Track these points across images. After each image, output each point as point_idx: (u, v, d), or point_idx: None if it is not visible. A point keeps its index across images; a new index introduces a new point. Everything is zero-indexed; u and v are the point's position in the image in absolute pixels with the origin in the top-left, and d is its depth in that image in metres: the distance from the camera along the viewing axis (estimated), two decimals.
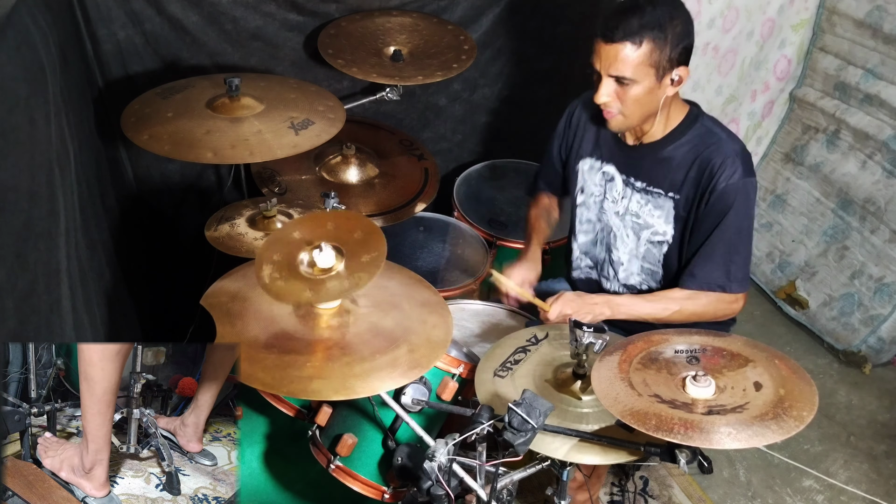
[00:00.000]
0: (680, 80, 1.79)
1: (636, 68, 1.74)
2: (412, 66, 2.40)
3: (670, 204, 1.91)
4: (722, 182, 1.80)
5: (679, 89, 1.81)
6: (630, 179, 1.96)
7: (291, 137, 1.99)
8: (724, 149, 1.83)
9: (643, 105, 1.81)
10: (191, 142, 1.95)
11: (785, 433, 1.27)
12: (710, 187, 1.82)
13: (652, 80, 1.76)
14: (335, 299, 1.48)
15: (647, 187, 1.93)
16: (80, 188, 1.88)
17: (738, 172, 1.80)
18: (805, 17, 3.20)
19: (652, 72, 1.75)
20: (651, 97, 1.79)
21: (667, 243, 1.96)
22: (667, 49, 1.73)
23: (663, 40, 1.72)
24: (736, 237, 1.84)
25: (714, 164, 1.82)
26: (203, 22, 2.39)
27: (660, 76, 1.76)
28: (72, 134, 1.85)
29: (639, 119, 1.85)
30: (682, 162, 1.87)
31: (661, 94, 1.79)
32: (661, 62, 1.74)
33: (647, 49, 1.72)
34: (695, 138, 1.87)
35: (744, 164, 1.82)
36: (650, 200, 1.93)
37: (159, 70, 2.41)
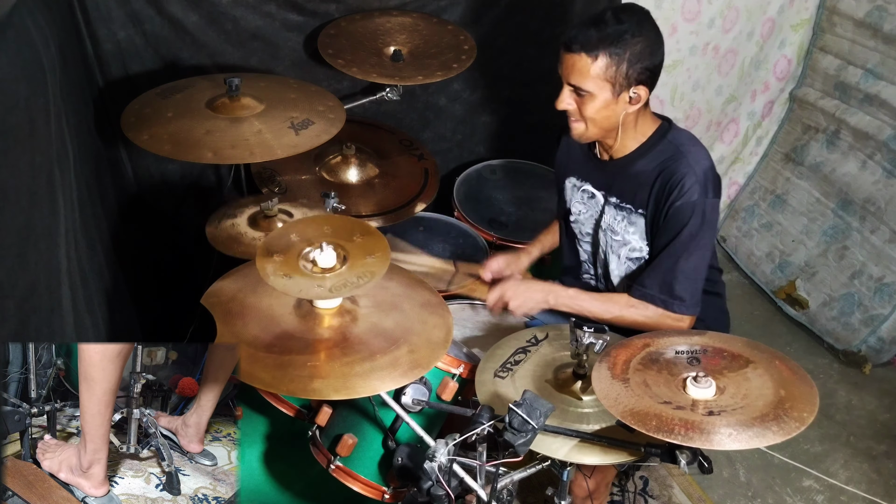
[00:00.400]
0: (638, 98, 1.77)
1: (591, 81, 1.74)
2: (412, 66, 2.40)
3: (642, 220, 1.89)
4: (679, 199, 1.77)
5: (638, 107, 1.79)
6: (607, 196, 1.96)
7: (291, 137, 1.99)
8: (686, 166, 1.79)
9: (602, 118, 1.80)
10: (191, 142, 1.95)
11: (786, 434, 1.27)
12: (668, 202, 1.80)
13: (608, 95, 1.76)
14: (341, 294, 1.47)
15: (621, 203, 1.92)
16: (80, 188, 1.88)
17: (696, 190, 1.76)
18: (805, 17, 3.20)
19: (608, 86, 1.75)
20: (608, 111, 1.79)
21: (643, 259, 1.94)
22: (623, 66, 1.72)
23: (620, 57, 1.72)
24: (684, 257, 1.80)
25: (674, 179, 1.79)
26: (203, 22, 2.38)
27: (616, 92, 1.75)
28: (71, 134, 1.85)
29: (598, 131, 1.84)
30: (648, 177, 1.85)
31: (619, 109, 1.78)
32: (618, 78, 1.73)
33: (603, 64, 1.72)
34: (661, 154, 1.84)
35: (704, 184, 1.78)
36: (625, 217, 1.92)
37: (159, 70, 2.41)
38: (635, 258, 1.96)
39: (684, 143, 1.84)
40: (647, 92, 1.78)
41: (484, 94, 2.90)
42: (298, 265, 1.47)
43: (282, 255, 1.48)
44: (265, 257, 1.47)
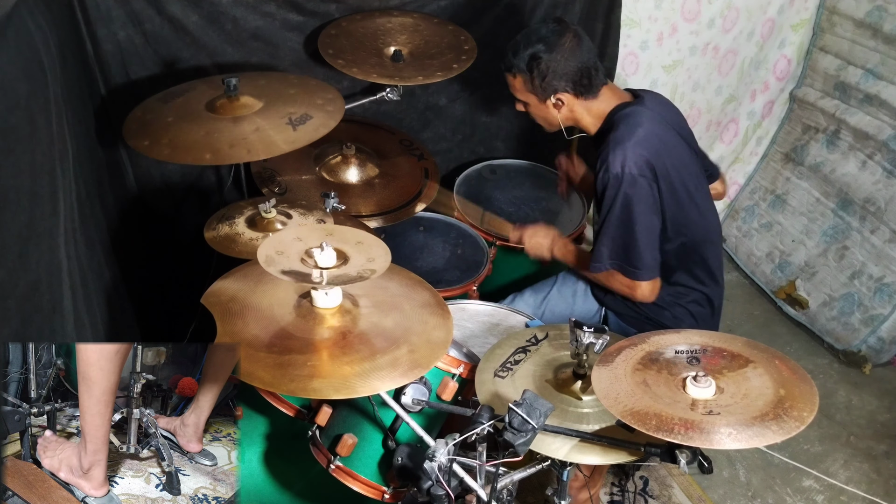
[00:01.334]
0: (560, 104, 2.00)
1: (519, 93, 2.05)
2: (412, 66, 2.40)
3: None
4: (601, 172, 1.93)
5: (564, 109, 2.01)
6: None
7: (289, 133, 1.98)
8: (611, 141, 1.93)
9: (542, 118, 2.09)
10: (189, 144, 1.94)
11: (785, 434, 1.27)
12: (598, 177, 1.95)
13: (536, 101, 2.03)
14: (338, 283, 1.47)
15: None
16: (79, 188, 1.88)
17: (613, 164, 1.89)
18: (805, 17, 3.20)
19: (532, 96, 2.02)
20: (543, 114, 2.06)
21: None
22: (537, 82, 1.98)
23: (531, 75, 1.97)
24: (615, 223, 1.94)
25: (602, 156, 1.93)
26: (203, 22, 2.38)
27: (541, 100, 2.01)
28: (72, 134, 1.85)
29: (548, 126, 2.10)
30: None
31: (552, 113, 2.04)
32: (536, 91, 2.00)
33: (521, 80, 2.01)
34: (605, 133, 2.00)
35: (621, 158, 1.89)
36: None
37: (159, 70, 2.41)
38: None
39: (621, 119, 1.98)
40: (573, 95, 1.99)
41: (484, 94, 2.90)
42: (299, 262, 1.47)
43: (283, 253, 1.48)
44: (267, 252, 1.47)
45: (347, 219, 2.21)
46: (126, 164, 2.52)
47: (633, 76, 3.03)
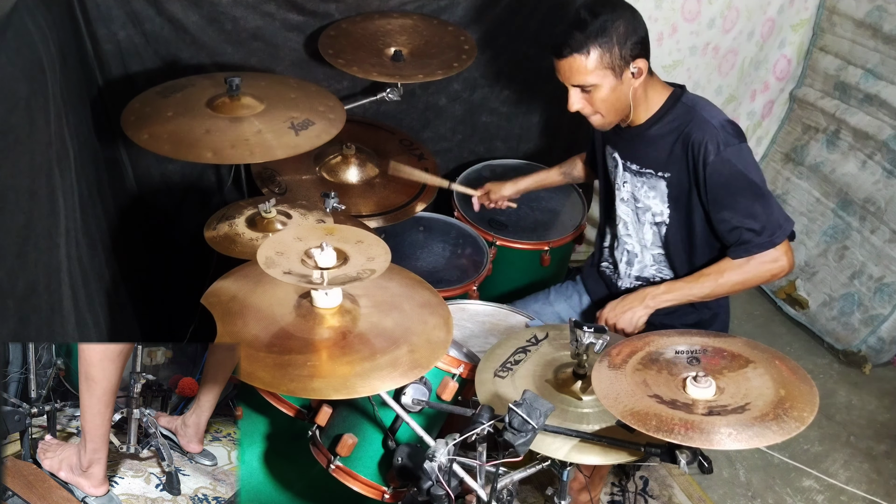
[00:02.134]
0: (640, 71, 1.86)
1: (592, 75, 1.84)
2: (413, 65, 2.40)
3: (663, 184, 1.95)
4: (711, 156, 1.83)
5: (642, 79, 1.87)
6: (627, 163, 2.02)
7: (291, 138, 1.99)
8: (704, 124, 1.86)
9: (613, 103, 1.89)
10: (190, 141, 1.94)
11: (785, 434, 1.27)
12: (701, 165, 1.85)
13: (612, 80, 1.85)
14: (338, 283, 1.47)
15: (641, 169, 1.98)
16: (80, 188, 1.88)
17: (721, 142, 1.83)
18: (805, 17, 3.20)
19: (609, 73, 1.84)
20: (618, 94, 1.88)
21: (665, 224, 2.00)
22: (615, 49, 1.81)
23: (609, 44, 1.81)
24: (751, 196, 1.85)
25: (695, 141, 1.85)
26: (203, 22, 2.38)
27: (618, 74, 1.84)
28: (72, 134, 1.85)
29: (616, 115, 1.93)
30: (665, 141, 1.92)
31: (627, 88, 1.87)
32: (615, 62, 1.83)
33: (597, 56, 1.82)
34: (676, 118, 1.92)
35: (726, 133, 1.84)
36: (645, 182, 1.98)
37: (159, 70, 2.41)
38: (657, 223, 2.01)
39: (697, 104, 1.92)
40: (646, 62, 1.86)
41: (484, 94, 2.90)
42: (299, 262, 1.47)
43: (283, 254, 1.48)
44: (266, 253, 1.47)
45: (347, 219, 2.21)
46: (126, 163, 2.52)
47: None
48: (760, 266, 1.89)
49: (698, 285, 1.94)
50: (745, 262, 1.89)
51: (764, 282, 1.95)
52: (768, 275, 1.91)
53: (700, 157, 1.84)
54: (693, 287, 1.95)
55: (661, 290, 1.97)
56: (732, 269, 1.91)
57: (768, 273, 1.90)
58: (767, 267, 1.90)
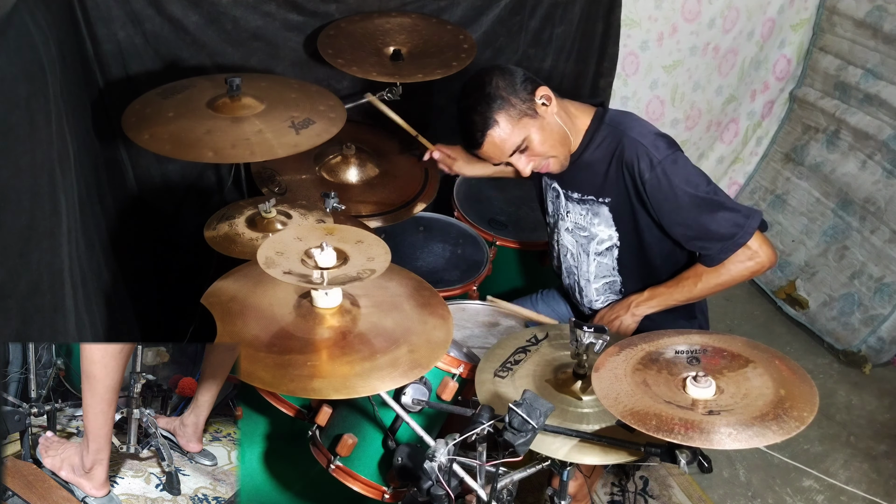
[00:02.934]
0: (548, 97, 1.85)
1: (513, 133, 1.83)
2: (412, 64, 2.40)
3: (605, 209, 1.94)
4: (646, 173, 1.81)
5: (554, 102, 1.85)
6: (568, 192, 2.01)
7: (292, 137, 1.99)
8: (632, 143, 1.84)
9: (551, 139, 1.87)
10: (191, 141, 1.94)
11: (785, 434, 1.27)
12: (639, 184, 1.83)
13: (532, 122, 1.84)
14: (338, 283, 1.47)
15: (582, 196, 1.97)
16: (80, 188, 1.88)
17: (652, 158, 1.80)
18: (805, 17, 3.20)
19: (525, 120, 1.83)
20: (548, 129, 1.86)
21: (616, 247, 1.99)
22: (513, 99, 1.81)
23: (505, 100, 1.81)
24: (701, 201, 1.81)
25: (629, 162, 1.83)
26: (203, 22, 2.39)
27: (533, 115, 1.83)
28: (72, 134, 1.85)
29: (562, 147, 1.90)
30: (599, 166, 1.90)
31: (550, 119, 1.86)
32: (521, 109, 1.82)
33: (504, 118, 1.81)
34: (604, 140, 1.89)
35: (656, 148, 1.82)
36: (588, 209, 1.97)
37: (159, 70, 2.41)
38: (604, 249, 2.00)
39: (622, 122, 1.89)
40: (546, 88, 1.85)
41: None
42: (299, 262, 1.47)
43: (283, 254, 1.48)
44: (266, 253, 1.47)
45: (347, 219, 2.21)
46: (126, 163, 2.52)
47: (633, 76, 3.03)
48: (736, 266, 1.86)
49: (678, 289, 1.94)
50: (720, 266, 1.87)
51: (747, 278, 1.90)
52: (748, 272, 1.87)
53: (637, 176, 1.82)
54: (674, 292, 1.95)
55: (645, 297, 1.98)
56: (709, 273, 1.89)
57: (747, 271, 1.87)
58: (745, 265, 1.86)
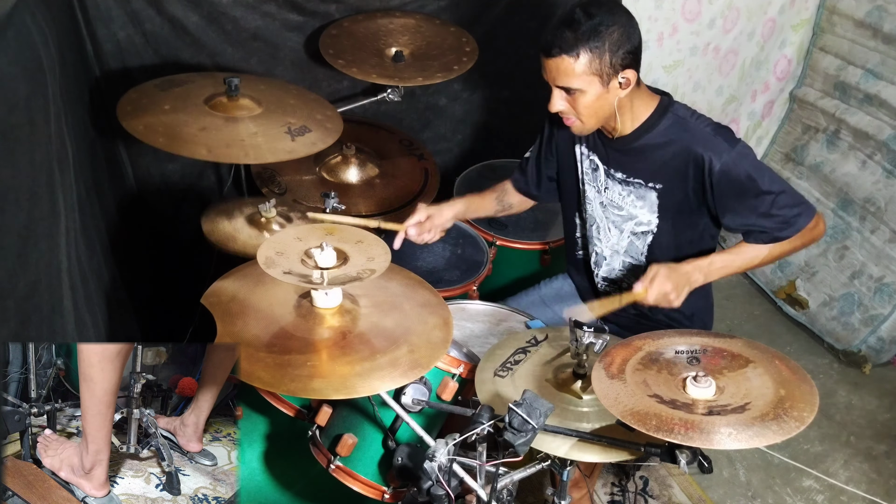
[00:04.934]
0: (628, 82, 1.79)
1: (579, 79, 1.77)
2: (413, 67, 2.40)
3: (653, 194, 1.92)
4: (716, 165, 1.80)
5: (629, 90, 1.81)
6: (611, 170, 1.98)
7: (287, 142, 1.98)
8: (699, 134, 1.83)
9: (596, 110, 1.83)
10: (185, 136, 1.94)
11: (785, 434, 1.27)
12: (707, 176, 1.83)
13: (598, 87, 1.78)
14: (338, 283, 1.47)
15: (627, 178, 1.95)
16: (79, 188, 1.88)
17: (723, 148, 1.80)
18: (805, 17, 3.20)
19: (596, 79, 1.77)
20: (601, 102, 1.82)
21: (651, 233, 1.97)
22: (606, 56, 1.74)
23: (601, 49, 1.74)
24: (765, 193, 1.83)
25: (696, 154, 1.82)
26: (203, 22, 2.38)
27: (605, 82, 1.78)
28: (71, 134, 1.85)
29: (595, 123, 1.87)
30: (658, 153, 1.88)
31: (612, 97, 1.81)
32: (603, 69, 1.76)
33: (586, 60, 1.75)
34: (668, 129, 1.87)
35: (723, 138, 1.82)
36: (632, 191, 1.95)
37: (159, 70, 2.40)
38: (641, 232, 1.98)
39: (688, 115, 1.88)
40: (635, 73, 1.80)
41: (484, 94, 2.90)
42: (299, 262, 1.47)
43: (283, 254, 1.48)
44: (266, 253, 1.47)
45: None
46: (126, 163, 2.52)
47: None
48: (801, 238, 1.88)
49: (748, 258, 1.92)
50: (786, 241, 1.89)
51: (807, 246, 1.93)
52: (809, 239, 1.90)
53: (706, 167, 1.82)
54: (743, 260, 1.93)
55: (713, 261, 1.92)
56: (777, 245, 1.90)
57: (809, 238, 1.89)
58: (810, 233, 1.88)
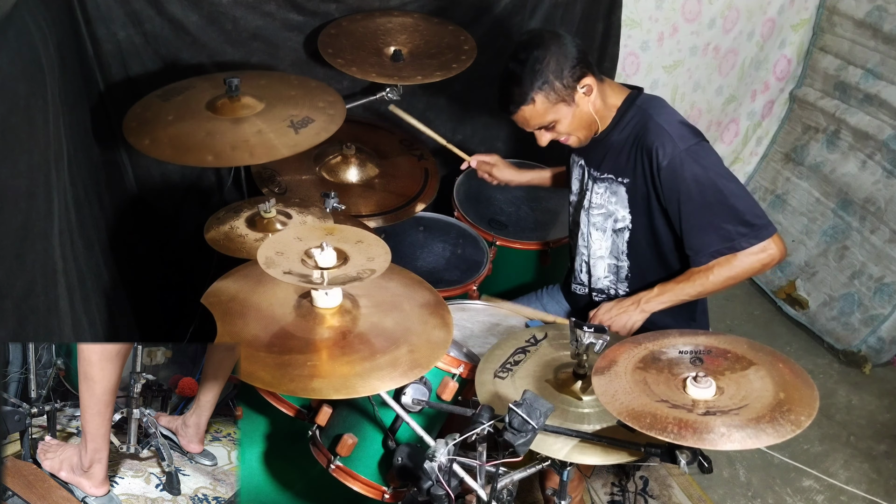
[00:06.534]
0: (590, 88, 1.86)
1: (546, 115, 1.87)
2: (412, 66, 2.40)
3: (622, 189, 1.94)
4: (663, 160, 1.81)
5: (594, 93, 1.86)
6: (591, 170, 2.02)
7: (291, 136, 1.98)
8: (656, 127, 1.84)
9: (578, 125, 1.91)
10: (191, 145, 1.94)
11: (780, 437, 1.27)
12: (655, 171, 1.84)
13: (567, 109, 1.87)
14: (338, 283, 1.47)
15: (602, 175, 1.98)
16: (76, 189, 1.87)
17: (674, 145, 1.80)
18: (805, 17, 3.20)
19: (561, 105, 1.86)
20: (579, 115, 1.89)
21: (627, 229, 1.98)
22: (556, 84, 1.82)
23: (548, 83, 1.82)
24: (711, 199, 1.81)
25: (649, 146, 1.83)
26: (203, 22, 2.38)
27: (570, 101, 1.86)
28: (69, 134, 1.85)
29: (587, 131, 1.93)
30: (622, 146, 1.91)
31: (584, 106, 1.88)
32: (561, 95, 1.84)
33: (542, 98, 1.84)
34: (631, 122, 1.90)
35: (679, 135, 1.81)
36: (607, 187, 1.97)
37: (159, 70, 2.41)
38: (619, 229, 1.99)
39: (651, 106, 1.90)
40: (592, 77, 1.86)
41: (484, 94, 2.89)
42: (299, 262, 1.47)
43: (283, 254, 1.48)
44: (267, 253, 1.47)
45: (347, 219, 2.21)
46: (126, 164, 2.52)
47: (634, 76, 3.03)
48: (749, 259, 1.84)
49: (689, 284, 1.91)
50: (733, 258, 1.85)
51: (759, 272, 1.89)
52: (759, 265, 1.85)
53: (654, 161, 1.82)
54: (685, 286, 1.92)
55: (655, 293, 1.95)
56: (720, 266, 1.86)
57: (759, 263, 1.85)
58: (757, 258, 1.84)
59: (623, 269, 2.04)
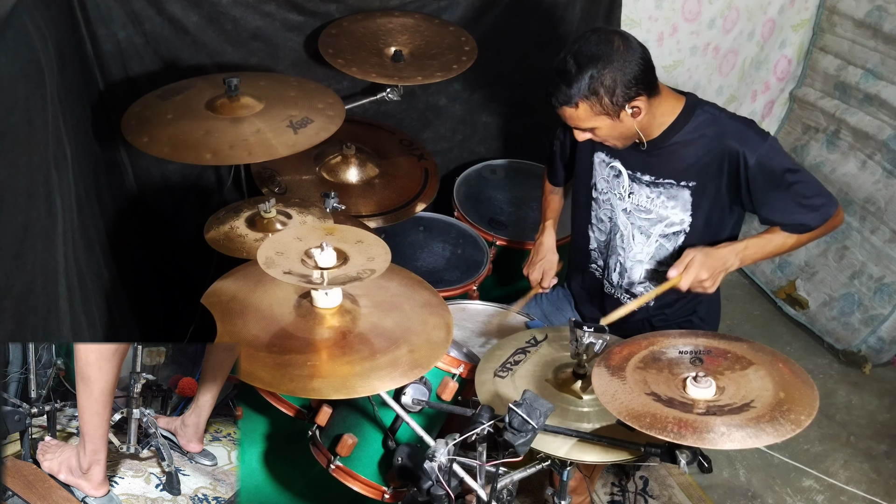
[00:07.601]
0: (638, 111, 1.80)
1: (586, 122, 1.81)
2: (412, 66, 2.40)
3: (686, 193, 1.92)
4: (751, 158, 1.83)
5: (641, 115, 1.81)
6: (636, 174, 1.97)
7: (290, 136, 1.99)
8: (732, 130, 1.86)
9: (617, 136, 1.87)
10: (189, 143, 1.94)
11: (780, 436, 1.27)
12: (743, 170, 1.85)
13: (608, 121, 1.81)
14: (338, 283, 1.47)
15: (657, 180, 1.94)
16: (78, 189, 1.88)
17: (756, 141, 1.84)
18: (805, 17, 3.20)
19: (604, 117, 1.80)
20: (620, 129, 1.84)
21: (683, 233, 1.97)
22: (605, 100, 1.76)
23: (597, 96, 1.76)
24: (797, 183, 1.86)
25: (730, 148, 1.84)
26: (203, 22, 2.38)
27: (614, 116, 1.80)
28: (69, 134, 1.85)
29: (625, 141, 1.89)
30: (689, 150, 1.89)
31: (628, 123, 1.82)
32: (607, 109, 1.78)
33: (586, 107, 1.78)
34: (699, 127, 1.89)
35: (755, 132, 1.86)
36: (662, 192, 1.94)
37: (159, 70, 2.41)
38: (672, 233, 1.98)
39: (716, 110, 1.91)
40: (645, 98, 1.80)
41: (484, 94, 2.90)
42: (299, 262, 1.47)
43: (283, 254, 1.48)
44: (267, 253, 1.47)
45: (347, 219, 2.21)
46: (126, 164, 2.52)
47: None
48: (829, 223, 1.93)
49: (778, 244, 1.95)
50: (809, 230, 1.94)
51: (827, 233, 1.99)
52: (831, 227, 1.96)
53: (741, 161, 1.84)
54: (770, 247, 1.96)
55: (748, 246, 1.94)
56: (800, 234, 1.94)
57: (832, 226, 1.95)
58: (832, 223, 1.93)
59: (661, 277, 2.01)
